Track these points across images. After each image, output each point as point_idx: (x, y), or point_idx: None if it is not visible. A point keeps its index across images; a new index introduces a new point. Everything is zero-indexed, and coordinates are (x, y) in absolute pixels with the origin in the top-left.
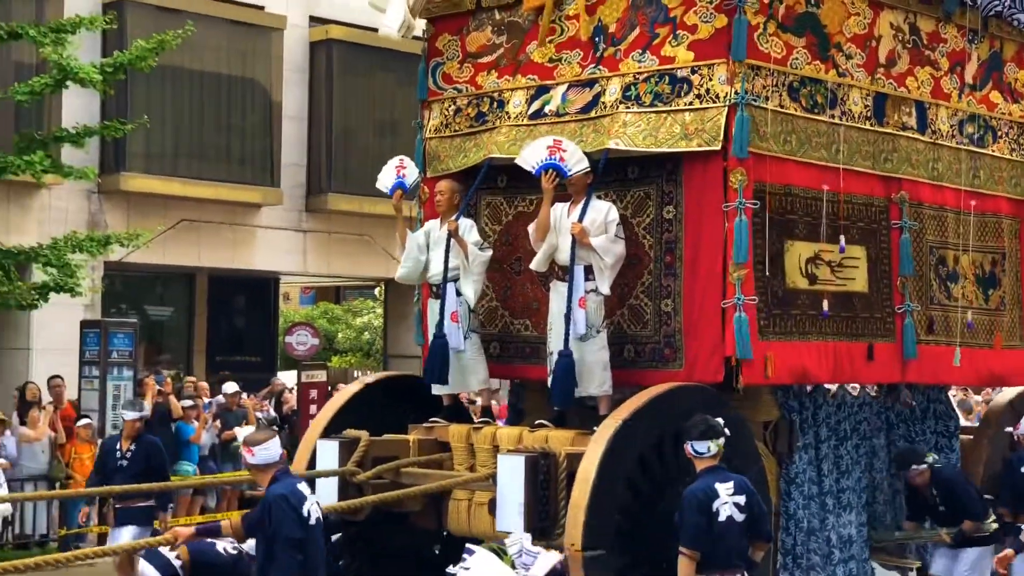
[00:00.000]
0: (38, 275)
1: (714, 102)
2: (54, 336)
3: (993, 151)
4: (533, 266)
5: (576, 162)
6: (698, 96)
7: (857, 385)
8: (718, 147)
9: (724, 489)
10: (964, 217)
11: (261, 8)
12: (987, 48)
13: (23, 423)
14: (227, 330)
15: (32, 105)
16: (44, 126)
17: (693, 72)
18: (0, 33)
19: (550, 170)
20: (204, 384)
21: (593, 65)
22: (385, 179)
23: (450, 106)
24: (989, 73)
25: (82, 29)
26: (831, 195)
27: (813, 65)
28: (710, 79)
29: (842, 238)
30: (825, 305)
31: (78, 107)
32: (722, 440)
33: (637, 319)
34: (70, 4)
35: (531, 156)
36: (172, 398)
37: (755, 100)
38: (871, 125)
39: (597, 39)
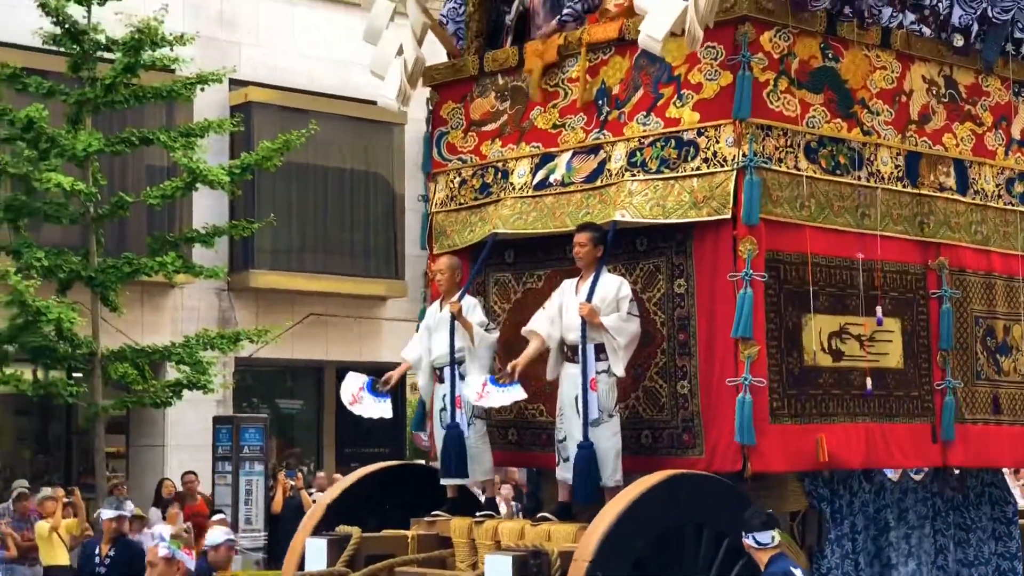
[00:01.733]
0: (172, 373)
1: (722, 166)
2: (187, 432)
3: None
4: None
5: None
6: (705, 160)
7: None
8: (728, 215)
9: (799, 573)
10: (1016, 284)
11: None
12: None
13: (164, 518)
14: (356, 422)
15: (164, 207)
16: (176, 227)
17: (699, 134)
18: (133, 139)
19: None
20: (336, 477)
21: (597, 130)
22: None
23: (455, 178)
24: None
25: (210, 132)
26: (859, 263)
27: (833, 123)
28: (717, 141)
29: (879, 309)
30: (868, 383)
31: (207, 207)
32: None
33: (653, 402)
34: (199, 108)
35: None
36: (303, 493)
37: (766, 162)
38: (904, 186)
39: (600, 102)
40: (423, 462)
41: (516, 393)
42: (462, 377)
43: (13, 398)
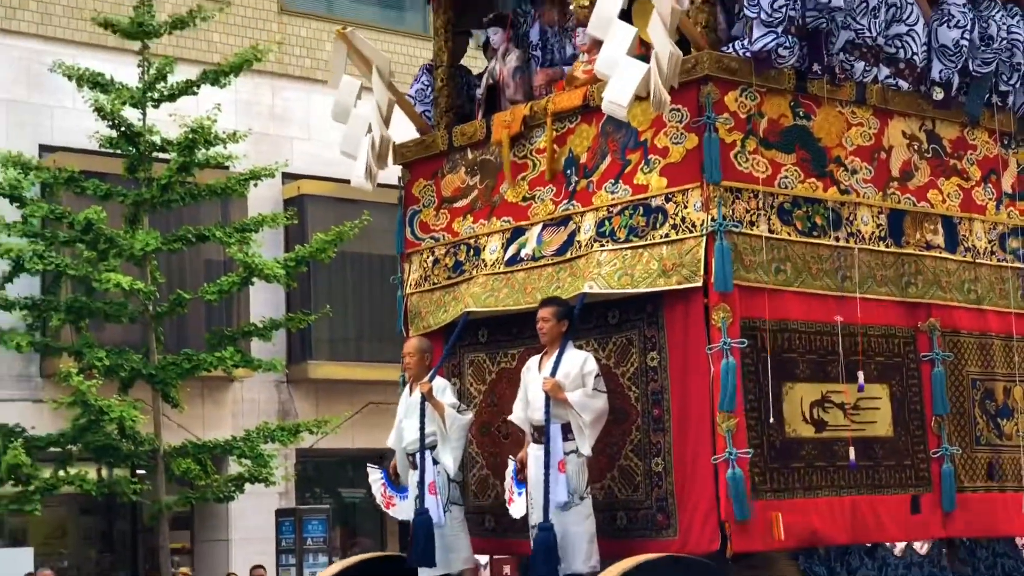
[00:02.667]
0: (234, 467)
1: (690, 232)
2: (251, 526)
3: None
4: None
5: None
6: (674, 227)
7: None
8: (699, 282)
9: None
10: (1017, 343)
11: None
12: None
13: None
14: None
15: (221, 302)
16: (233, 321)
17: (667, 200)
18: (189, 237)
19: None
20: None
21: (566, 201)
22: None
23: (428, 257)
24: None
25: (265, 227)
26: (841, 328)
27: (808, 183)
28: (685, 207)
29: (860, 375)
30: (851, 454)
31: (264, 300)
32: None
33: (628, 482)
34: (253, 202)
35: None
36: None
37: (736, 226)
38: (887, 246)
39: (569, 171)
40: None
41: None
42: (435, 462)
43: (78, 497)
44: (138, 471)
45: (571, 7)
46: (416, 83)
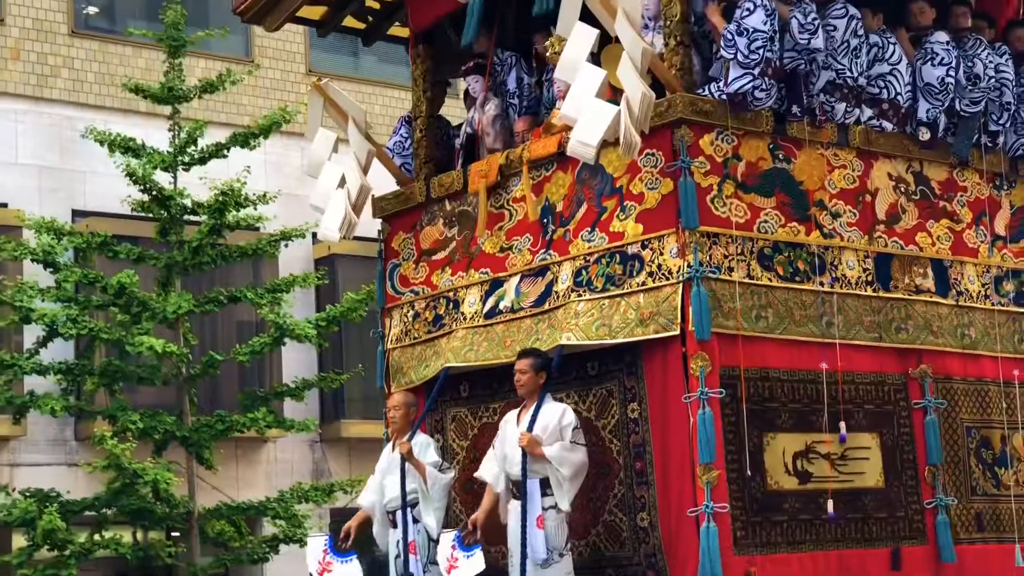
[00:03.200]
0: (268, 528)
1: (667, 279)
2: None
3: None
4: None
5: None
6: (650, 274)
7: None
8: (676, 331)
9: None
10: (1013, 389)
11: None
12: (1022, 193)
13: None
14: None
15: (253, 363)
16: (266, 382)
17: (643, 247)
18: (221, 298)
19: None
20: None
21: (543, 250)
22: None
23: (409, 311)
24: None
25: (296, 287)
26: (827, 375)
27: (789, 227)
28: (661, 253)
29: (842, 425)
30: (830, 507)
31: (296, 360)
32: None
33: (614, 538)
34: (284, 263)
35: None
36: None
37: (714, 272)
38: (874, 291)
39: (545, 220)
40: None
41: (477, 563)
42: (416, 520)
43: (113, 561)
44: (173, 534)
45: (547, 54)
46: (395, 135)
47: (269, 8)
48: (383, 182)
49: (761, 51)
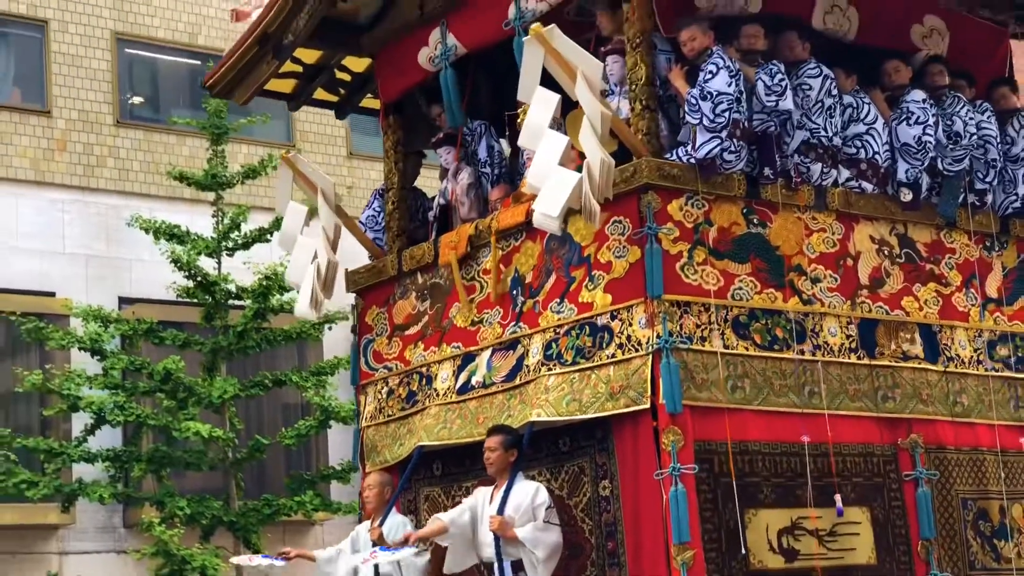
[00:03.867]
0: None
1: (636, 351)
2: None
3: None
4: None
5: None
6: (620, 346)
7: None
8: (646, 404)
9: None
10: (1011, 458)
11: None
12: (1014, 254)
13: None
14: None
15: (300, 446)
16: (312, 465)
17: (613, 318)
18: (266, 382)
19: None
20: None
21: (514, 323)
22: None
23: (383, 388)
24: (1021, 283)
25: (340, 369)
26: (810, 447)
27: (765, 294)
28: (630, 324)
29: (838, 498)
30: None
31: (342, 442)
32: None
33: None
34: (328, 345)
35: None
36: None
37: (686, 343)
38: (859, 358)
39: (515, 292)
40: None
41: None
42: None
43: None
44: None
45: (518, 122)
46: (367, 208)
47: (238, 82)
48: (362, 254)
49: (727, 114)
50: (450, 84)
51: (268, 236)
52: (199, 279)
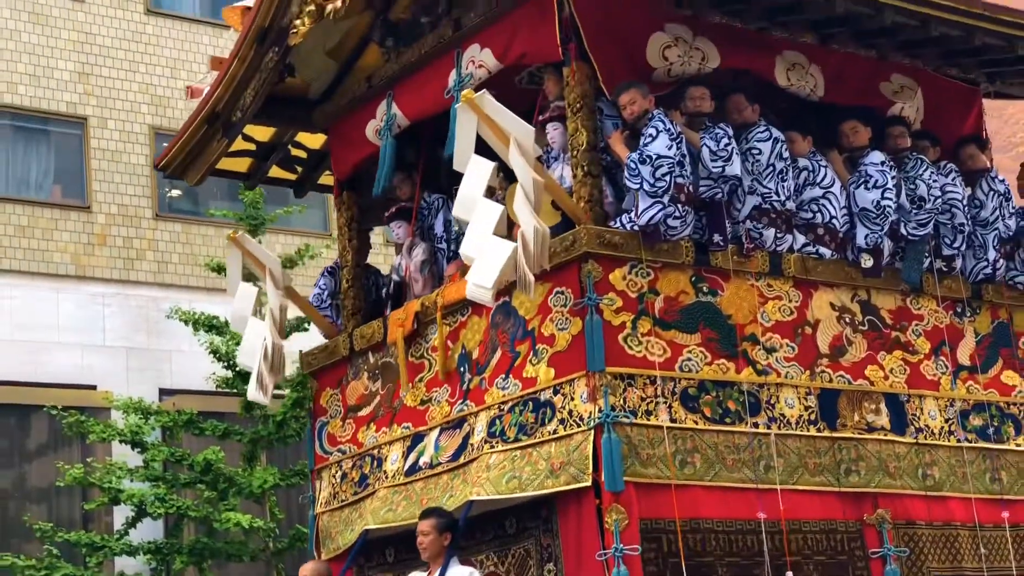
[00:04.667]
0: None
1: (578, 426)
2: None
3: (1019, 444)
4: None
5: None
6: (562, 422)
7: None
8: (587, 482)
9: None
10: (989, 533)
11: None
12: (988, 320)
13: None
14: None
15: None
16: None
17: (555, 392)
18: (306, 471)
19: None
20: None
21: (461, 401)
22: None
23: (337, 472)
24: (995, 350)
25: None
26: (767, 525)
27: (716, 365)
28: (572, 398)
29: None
30: None
31: None
32: None
33: None
34: None
35: None
36: None
37: (629, 417)
38: (819, 431)
39: (462, 369)
40: None
41: None
42: None
43: None
44: None
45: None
46: (315, 287)
47: (190, 162)
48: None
49: (668, 178)
50: (387, 153)
51: (306, 325)
52: (238, 370)
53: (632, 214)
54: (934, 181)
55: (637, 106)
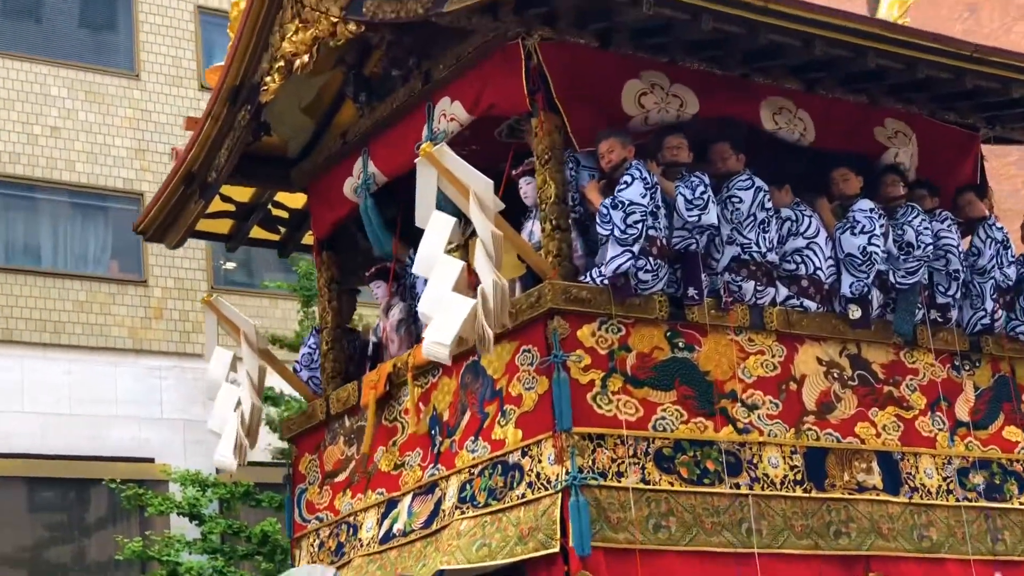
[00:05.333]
0: None
1: (545, 489)
2: None
3: (1022, 503)
4: None
5: None
6: (530, 485)
7: None
8: (555, 548)
9: None
10: None
11: None
12: (988, 373)
13: None
14: None
15: None
16: None
17: (523, 455)
18: None
19: None
20: None
21: (432, 465)
22: None
23: (315, 541)
24: (997, 405)
25: None
26: None
27: (694, 424)
28: (539, 461)
29: None
30: None
31: None
32: None
33: None
34: None
35: None
36: None
37: (598, 478)
38: (805, 491)
39: (434, 432)
40: None
41: None
42: None
43: None
44: None
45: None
46: (303, 347)
47: (168, 225)
48: None
49: (639, 225)
50: (370, 212)
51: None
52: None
53: (602, 266)
54: (925, 228)
55: (615, 155)
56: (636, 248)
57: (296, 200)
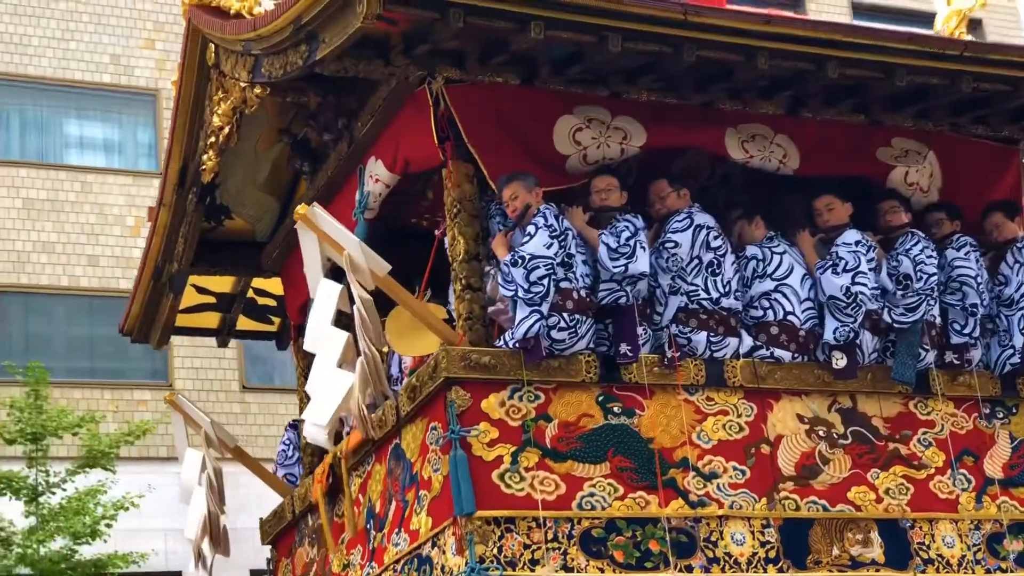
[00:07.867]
0: None
1: None
2: None
3: None
4: None
5: None
6: None
7: None
8: None
9: None
10: None
11: None
12: None
13: None
14: None
15: None
16: None
17: (432, 545)
18: None
19: None
20: None
21: (368, 563)
22: None
23: None
24: None
25: None
26: None
27: (631, 499)
28: (444, 551)
29: None
30: None
31: None
32: None
33: None
34: None
35: None
36: None
37: (505, 569)
38: (780, 571)
39: (369, 526)
40: None
41: None
42: None
43: None
44: None
45: None
46: (280, 443)
47: (148, 323)
48: None
49: (546, 281)
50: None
51: None
52: None
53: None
54: (927, 257)
55: (519, 201)
56: (544, 307)
57: (280, 286)
